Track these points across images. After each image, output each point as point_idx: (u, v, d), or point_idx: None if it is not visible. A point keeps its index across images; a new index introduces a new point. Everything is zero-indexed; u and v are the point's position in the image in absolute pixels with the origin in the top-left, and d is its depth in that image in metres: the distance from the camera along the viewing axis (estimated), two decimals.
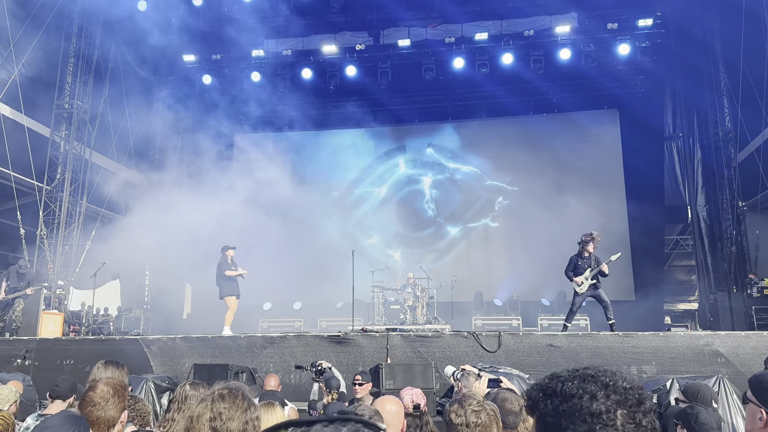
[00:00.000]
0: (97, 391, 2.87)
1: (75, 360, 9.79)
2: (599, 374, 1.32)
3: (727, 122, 16.27)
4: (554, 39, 17.18)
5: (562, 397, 1.30)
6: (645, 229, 17.76)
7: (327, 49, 18.08)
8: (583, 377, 1.32)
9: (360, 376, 6.11)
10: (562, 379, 1.33)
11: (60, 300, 14.68)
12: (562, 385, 1.32)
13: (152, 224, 19.85)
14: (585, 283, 10.21)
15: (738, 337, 8.56)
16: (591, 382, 1.30)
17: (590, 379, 1.31)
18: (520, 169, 18.73)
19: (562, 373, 1.36)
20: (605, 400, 1.26)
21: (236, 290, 11.64)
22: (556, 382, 1.34)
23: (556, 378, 1.35)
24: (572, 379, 1.32)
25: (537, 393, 1.36)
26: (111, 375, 3.89)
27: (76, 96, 16.12)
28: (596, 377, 1.31)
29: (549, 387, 1.34)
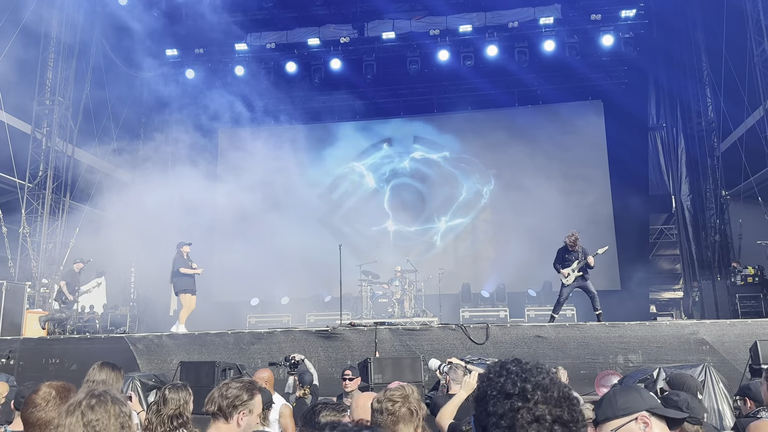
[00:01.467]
0: (40, 393, 2.83)
1: (60, 359, 9.71)
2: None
3: (710, 112, 16.42)
4: (538, 30, 17.21)
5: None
6: (629, 219, 17.90)
7: (311, 42, 17.97)
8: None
9: (350, 371, 6.11)
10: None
11: (44, 298, 14.51)
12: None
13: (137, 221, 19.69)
14: (572, 275, 10.31)
15: (723, 326, 8.66)
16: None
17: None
18: (506, 160, 18.78)
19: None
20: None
21: (192, 287, 11.45)
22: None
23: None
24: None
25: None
26: (106, 377, 3.84)
27: (57, 92, 15.88)
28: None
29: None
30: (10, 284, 11.93)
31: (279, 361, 7.45)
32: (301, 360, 7.04)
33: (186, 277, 11.36)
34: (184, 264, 11.39)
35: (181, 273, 11.29)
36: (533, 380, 1.35)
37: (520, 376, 1.36)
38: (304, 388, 6.58)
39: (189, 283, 11.40)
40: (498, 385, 1.37)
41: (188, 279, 11.39)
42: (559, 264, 10.49)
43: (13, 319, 11.52)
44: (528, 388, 1.34)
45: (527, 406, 1.32)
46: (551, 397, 1.33)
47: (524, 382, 1.35)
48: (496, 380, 1.38)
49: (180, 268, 11.31)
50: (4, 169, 14.50)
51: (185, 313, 11.30)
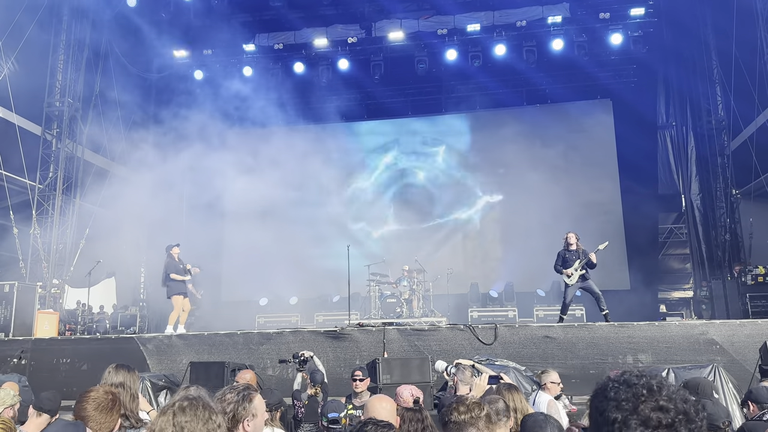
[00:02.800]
0: (101, 392, 2.90)
1: (71, 359, 9.78)
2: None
3: (720, 111, 16.30)
4: (546, 29, 17.16)
5: None
6: (639, 219, 17.81)
7: (319, 43, 17.99)
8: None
9: (360, 372, 6.13)
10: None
11: (55, 299, 14.62)
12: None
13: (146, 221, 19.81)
14: (575, 275, 10.32)
15: (733, 326, 8.61)
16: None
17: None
18: (514, 160, 18.70)
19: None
20: None
21: (183, 289, 11.43)
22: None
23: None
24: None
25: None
26: (122, 379, 3.86)
27: (67, 94, 15.99)
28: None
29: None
30: (21, 285, 12.02)
31: (288, 359, 7.47)
32: (310, 357, 7.07)
33: (176, 280, 11.33)
34: (175, 268, 11.34)
35: (172, 279, 11.25)
36: (659, 379, 1.37)
37: (644, 375, 1.37)
38: (315, 387, 6.62)
39: (180, 286, 11.37)
40: (621, 379, 1.38)
41: (179, 282, 11.36)
42: (561, 265, 10.52)
43: (24, 319, 11.61)
44: (653, 383, 1.35)
45: (652, 397, 1.33)
46: (677, 394, 1.34)
47: (649, 379, 1.36)
48: (619, 377, 1.39)
49: (171, 273, 11.25)
50: (15, 170, 14.61)
51: (175, 315, 11.27)
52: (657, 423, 1.28)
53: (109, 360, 9.01)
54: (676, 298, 18.34)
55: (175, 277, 11.24)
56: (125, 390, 3.74)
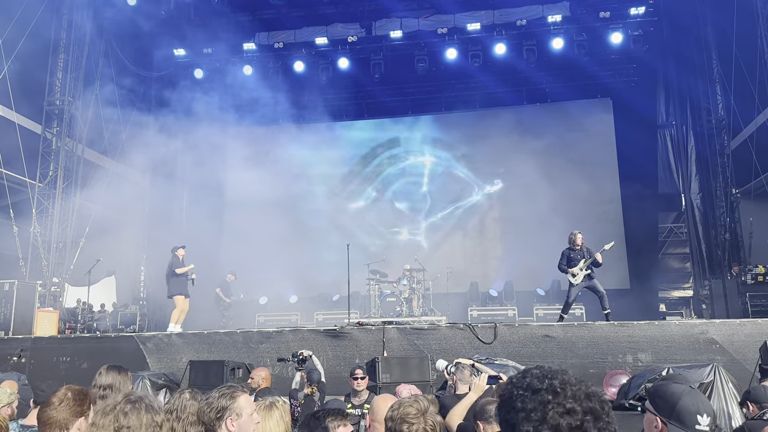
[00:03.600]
0: (58, 394, 2.91)
1: (71, 357, 9.78)
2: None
3: (720, 110, 16.29)
4: (546, 28, 17.14)
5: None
6: (639, 218, 17.82)
7: (319, 42, 17.98)
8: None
9: (360, 370, 6.15)
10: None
11: (55, 297, 14.62)
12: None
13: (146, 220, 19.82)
14: (580, 274, 10.28)
15: (733, 325, 8.60)
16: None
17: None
18: (514, 159, 18.70)
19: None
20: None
21: (185, 289, 11.59)
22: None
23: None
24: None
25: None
26: (112, 381, 3.86)
27: (67, 92, 15.99)
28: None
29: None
30: (21, 283, 12.03)
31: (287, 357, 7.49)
32: (309, 356, 7.08)
33: (179, 280, 11.49)
34: (180, 266, 11.56)
35: (176, 275, 11.45)
36: (560, 377, 1.37)
37: (546, 376, 1.38)
38: (312, 386, 6.62)
39: (182, 287, 11.51)
40: (524, 384, 1.38)
41: (181, 282, 11.52)
42: (565, 264, 10.47)
43: (24, 317, 11.62)
44: (556, 384, 1.35)
45: (557, 400, 1.32)
46: (580, 391, 1.34)
47: (551, 380, 1.36)
48: (521, 381, 1.40)
49: (175, 268, 11.47)
50: (15, 168, 14.61)
51: (177, 313, 11.45)
52: (567, 428, 1.30)
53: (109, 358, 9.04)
54: (675, 297, 18.34)
55: (180, 271, 11.43)
56: (114, 392, 3.73)
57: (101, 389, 3.70)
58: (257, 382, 6.60)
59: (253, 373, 6.79)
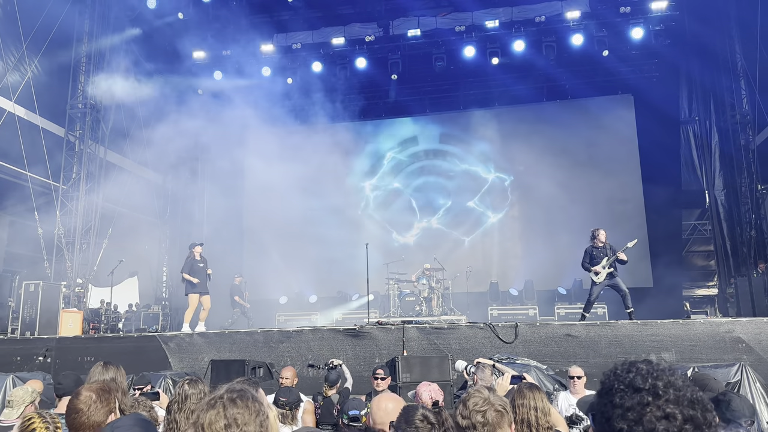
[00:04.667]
0: (81, 398, 2.88)
1: (95, 357, 9.89)
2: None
3: (744, 105, 15.98)
4: (566, 24, 16.94)
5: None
6: (662, 215, 17.57)
7: (336, 42, 18.01)
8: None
9: (382, 371, 6.15)
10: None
11: (79, 298, 14.84)
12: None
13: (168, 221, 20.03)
14: (602, 272, 10.15)
15: (760, 324, 8.43)
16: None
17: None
18: (534, 157, 18.55)
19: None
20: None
21: (200, 288, 11.53)
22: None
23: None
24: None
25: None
26: (114, 375, 3.87)
27: (89, 95, 16.22)
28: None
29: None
30: (46, 284, 12.23)
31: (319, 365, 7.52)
32: (339, 365, 7.12)
33: (196, 277, 11.48)
34: (190, 267, 11.52)
35: (183, 277, 11.50)
36: (665, 378, 1.32)
37: (651, 374, 1.33)
38: (332, 388, 6.67)
39: (199, 285, 11.49)
40: (627, 380, 1.34)
41: (198, 279, 11.50)
42: (588, 262, 10.34)
43: (49, 318, 11.81)
44: (659, 385, 1.31)
45: (657, 403, 1.28)
46: (684, 396, 1.29)
47: (655, 380, 1.32)
48: (625, 375, 1.36)
49: (184, 273, 11.47)
50: (40, 171, 14.85)
51: (190, 313, 11.48)
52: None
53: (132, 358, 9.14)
54: (700, 295, 18.06)
55: (186, 277, 11.42)
56: (117, 385, 3.75)
57: (105, 383, 3.71)
58: (291, 381, 6.64)
59: (283, 372, 6.82)
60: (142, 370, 8.52)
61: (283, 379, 6.72)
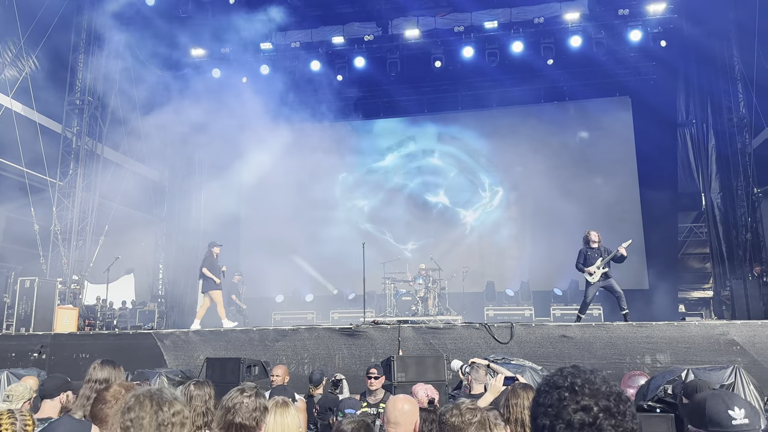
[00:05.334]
0: (111, 391, 2.92)
1: (90, 354, 9.88)
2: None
3: (741, 108, 16.02)
4: (564, 26, 16.98)
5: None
6: (658, 217, 17.61)
7: (335, 41, 18.01)
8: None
9: (375, 369, 6.16)
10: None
11: (75, 295, 14.81)
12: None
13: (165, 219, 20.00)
14: (597, 273, 10.17)
15: (754, 326, 8.46)
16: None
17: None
18: (532, 158, 18.60)
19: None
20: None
21: (220, 285, 11.84)
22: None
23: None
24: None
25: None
26: (107, 375, 3.87)
27: (86, 92, 16.19)
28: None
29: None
30: (41, 281, 12.21)
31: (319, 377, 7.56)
32: (341, 380, 7.20)
33: (207, 276, 11.70)
34: (211, 265, 11.75)
35: (204, 274, 11.72)
36: (583, 377, 1.41)
37: (571, 374, 1.42)
38: (318, 388, 6.79)
39: (215, 283, 11.71)
40: (550, 381, 1.44)
41: (211, 278, 11.70)
42: (582, 263, 10.38)
43: (44, 314, 11.78)
44: (577, 382, 1.39)
45: (574, 398, 1.36)
46: (598, 390, 1.37)
47: (574, 378, 1.41)
48: (550, 378, 1.46)
49: (205, 267, 11.70)
50: (36, 167, 14.83)
51: (222, 308, 11.79)
52: (580, 424, 1.33)
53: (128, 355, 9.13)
54: (695, 297, 18.11)
55: (206, 273, 11.65)
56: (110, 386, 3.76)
57: (97, 383, 3.72)
58: (282, 378, 6.68)
59: (275, 370, 6.86)
60: (137, 367, 8.52)
61: (274, 377, 6.75)
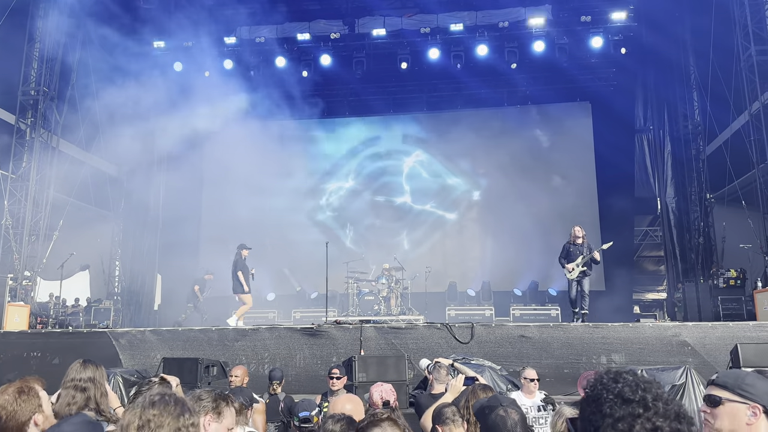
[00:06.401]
0: (10, 388, 2.85)
1: (42, 353, 9.61)
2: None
3: (696, 115, 16.55)
4: (528, 31, 17.22)
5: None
6: (615, 220, 17.99)
7: (301, 37, 17.87)
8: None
9: (337, 370, 6.14)
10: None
11: (26, 291, 14.34)
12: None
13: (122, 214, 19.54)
14: (576, 270, 10.43)
15: (705, 328, 8.73)
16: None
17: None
18: (494, 160, 18.81)
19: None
20: None
21: (249, 291, 12.26)
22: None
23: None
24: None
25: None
26: (92, 374, 3.75)
27: (42, 82, 15.68)
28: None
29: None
30: None
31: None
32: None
33: (240, 280, 12.15)
34: (242, 267, 12.17)
35: (237, 276, 12.13)
36: (653, 392, 1.36)
37: (639, 386, 1.37)
38: (273, 384, 6.74)
39: (242, 286, 12.12)
40: (615, 390, 1.37)
41: (242, 282, 12.15)
42: (564, 258, 10.58)
43: None
44: (649, 398, 1.34)
45: (647, 415, 1.32)
46: (671, 410, 1.33)
47: (645, 392, 1.35)
48: (613, 385, 1.39)
49: (237, 271, 12.12)
50: None
51: (244, 309, 12.26)
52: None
53: (81, 354, 8.85)
54: (650, 299, 18.61)
55: (240, 277, 12.09)
56: (95, 385, 3.64)
57: (82, 382, 3.60)
58: (241, 379, 6.57)
59: (234, 371, 6.75)
60: None
61: (233, 378, 6.64)
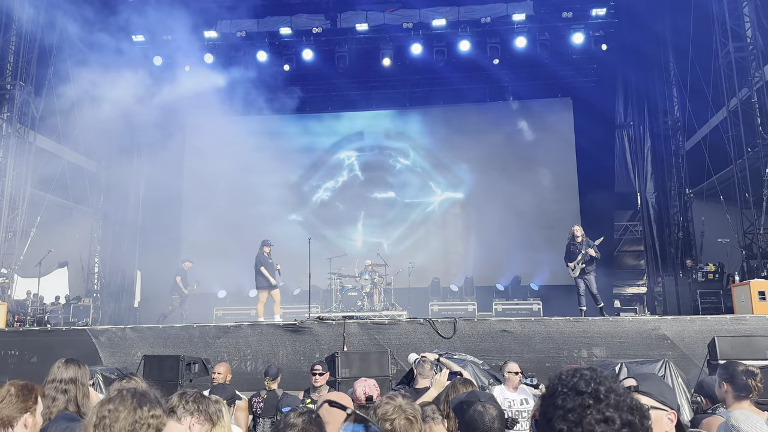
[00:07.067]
0: (0, 390, 2.80)
1: (19, 351, 9.46)
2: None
3: (675, 111, 16.73)
4: (510, 27, 17.28)
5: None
6: (596, 215, 18.15)
7: (283, 32, 17.74)
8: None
9: (320, 366, 6.13)
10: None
11: (3, 289, 14.11)
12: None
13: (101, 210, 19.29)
14: (577, 268, 10.67)
15: (683, 321, 8.86)
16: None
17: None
18: (477, 155, 18.89)
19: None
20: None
21: (268, 284, 12.18)
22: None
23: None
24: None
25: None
26: (73, 374, 3.68)
27: (18, 76, 15.39)
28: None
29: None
30: None
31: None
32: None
33: (263, 275, 12.10)
34: (264, 262, 12.14)
35: (261, 272, 12.07)
36: (607, 384, 1.35)
37: (594, 380, 1.36)
38: (274, 381, 6.65)
39: (264, 281, 12.08)
40: (570, 384, 1.37)
41: (265, 277, 12.11)
42: (567, 258, 10.85)
43: None
44: (601, 390, 1.33)
45: (598, 407, 1.31)
46: (624, 402, 1.32)
47: (598, 385, 1.35)
48: (569, 379, 1.39)
49: (260, 267, 12.08)
50: None
51: (261, 306, 12.21)
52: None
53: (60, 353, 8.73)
54: (630, 293, 18.81)
55: (264, 272, 12.01)
56: (76, 386, 3.58)
57: (63, 383, 3.54)
58: (224, 377, 6.50)
59: (216, 368, 6.69)
60: None
61: (216, 375, 6.59)
